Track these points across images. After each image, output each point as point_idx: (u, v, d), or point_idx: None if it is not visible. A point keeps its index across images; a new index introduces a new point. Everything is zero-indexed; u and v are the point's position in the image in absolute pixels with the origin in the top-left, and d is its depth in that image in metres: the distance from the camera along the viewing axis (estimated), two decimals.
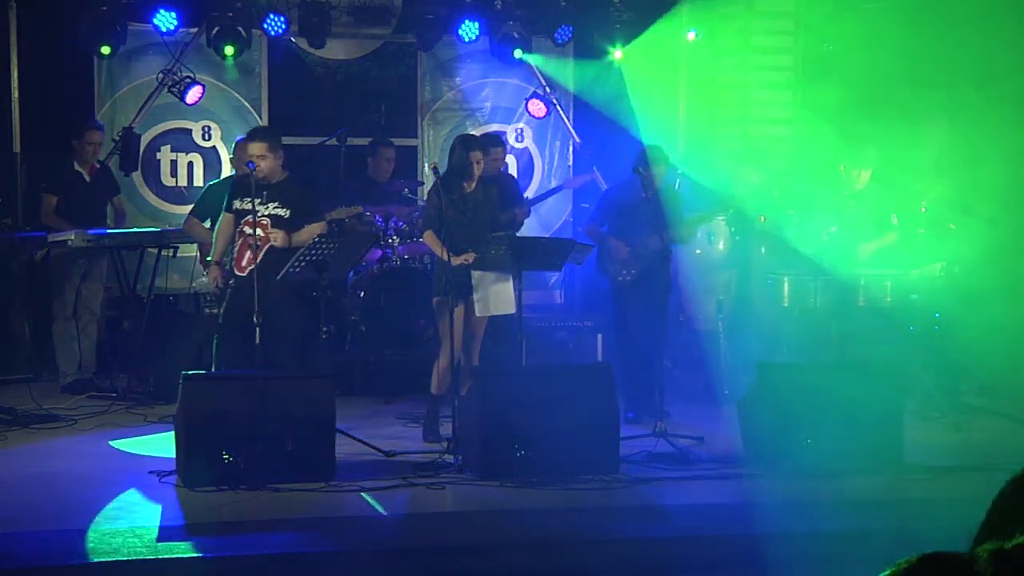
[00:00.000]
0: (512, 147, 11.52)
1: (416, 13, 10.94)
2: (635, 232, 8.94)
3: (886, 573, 1.82)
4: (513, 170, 11.56)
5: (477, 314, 8.06)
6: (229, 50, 10.34)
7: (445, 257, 7.81)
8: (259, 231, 7.93)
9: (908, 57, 10.25)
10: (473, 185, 8.14)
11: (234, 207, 8.11)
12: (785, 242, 10.25)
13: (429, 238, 8.11)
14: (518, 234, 9.99)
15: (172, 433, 7.45)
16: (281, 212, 8.02)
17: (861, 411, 7.58)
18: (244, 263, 8.01)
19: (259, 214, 7.93)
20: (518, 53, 11.07)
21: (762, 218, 10.33)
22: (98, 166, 9.88)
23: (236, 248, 8.10)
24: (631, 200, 8.97)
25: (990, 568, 1.80)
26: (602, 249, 9.11)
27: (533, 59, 11.22)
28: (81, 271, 9.68)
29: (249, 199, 7.89)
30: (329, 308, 9.19)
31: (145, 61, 10.63)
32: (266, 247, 7.97)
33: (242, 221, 8.04)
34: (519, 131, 11.64)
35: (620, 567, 6.04)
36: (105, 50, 10.12)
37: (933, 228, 9.23)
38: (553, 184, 11.55)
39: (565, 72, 11.71)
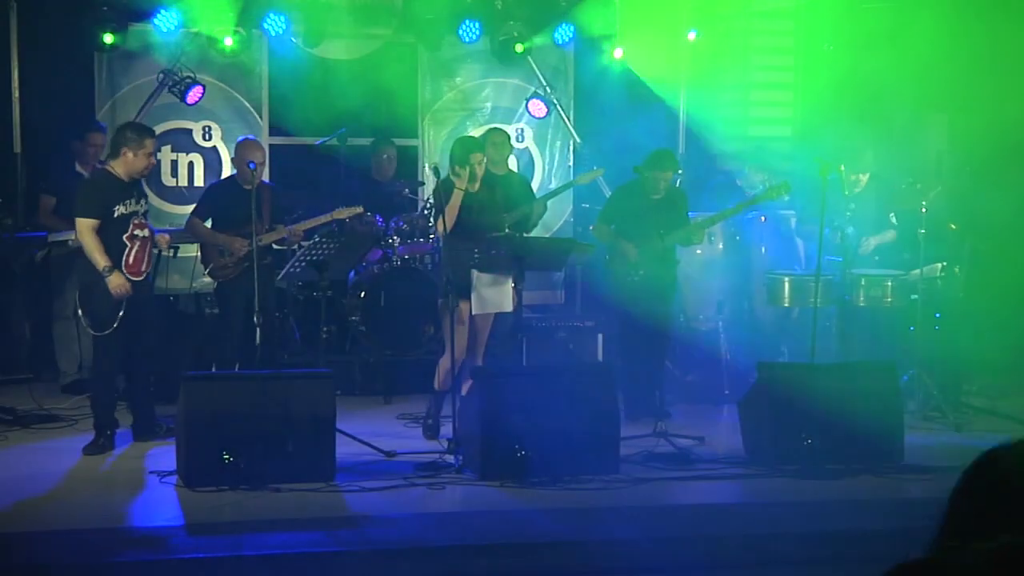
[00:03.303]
0: (513, 147, 11.50)
1: (417, 13, 10.93)
2: (642, 233, 8.94)
3: None
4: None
5: (474, 312, 8.06)
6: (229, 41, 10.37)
7: None
8: (146, 232, 8.00)
9: (908, 57, 10.25)
10: (476, 186, 8.14)
11: (116, 212, 7.85)
12: (787, 241, 10.27)
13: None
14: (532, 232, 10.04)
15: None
16: (144, 208, 8.14)
17: (861, 412, 7.58)
18: (144, 267, 7.97)
19: (138, 214, 7.96)
20: (519, 47, 11.08)
21: (763, 218, 10.34)
22: (99, 167, 9.88)
23: (131, 252, 7.90)
24: (638, 201, 8.98)
25: (985, 568, 1.80)
26: (611, 249, 9.11)
27: (533, 46, 11.20)
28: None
29: (131, 200, 7.89)
30: (329, 308, 9.20)
31: (146, 61, 10.61)
32: (149, 247, 8.05)
33: (131, 224, 7.91)
34: (519, 131, 11.63)
35: (620, 567, 6.05)
36: (107, 40, 10.10)
37: (933, 228, 9.23)
38: (554, 184, 11.54)
39: (566, 72, 11.71)
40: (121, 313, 7.73)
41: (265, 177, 9.69)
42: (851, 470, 7.35)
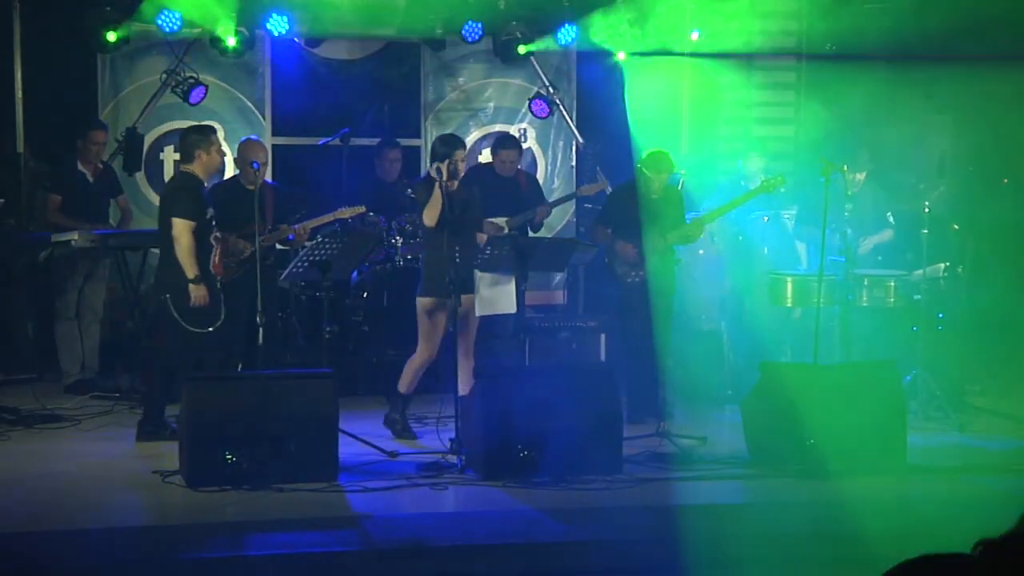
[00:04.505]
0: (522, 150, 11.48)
1: (419, 13, 10.92)
2: (640, 233, 8.95)
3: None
4: None
5: (477, 313, 8.06)
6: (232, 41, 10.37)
7: None
8: (218, 233, 8.24)
9: (911, 57, 10.25)
10: (455, 184, 8.13)
11: (208, 214, 8.09)
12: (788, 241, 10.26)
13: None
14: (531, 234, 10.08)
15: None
16: None
17: (864, 412, 7.58)
18: (220, 267, 8.21)
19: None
20: (522, 49, 11.09)
21: (765, 218, 10.34)
22: (101, 166, 9.89)
23: (216, 252, 8.17)
24: (636, 202, 8.99)
25: (982, 560, 1.80)
26: (610, 250, 9.12)
27: (536, 49, 11.20)
28: (84, 271, 9.68)
29: (210, 207, 8.07)
30: (332, 308, 9.20)
31: (149, 61, 10.62)
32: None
33: (214, 227, 8.15)
34: (522, 131, 11.64)
35: (623, 567, 6.04)
36: (111, 37, 10.09)
37: (936, 228, 9.23)
38: (556, 189, 11.54)
39: (568, 72, 11.71)
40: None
41: (268, 177, 9.69)
42: (854, 470, 7.34)
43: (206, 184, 8.19)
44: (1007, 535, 1.85)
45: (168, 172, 10.82)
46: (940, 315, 9.31)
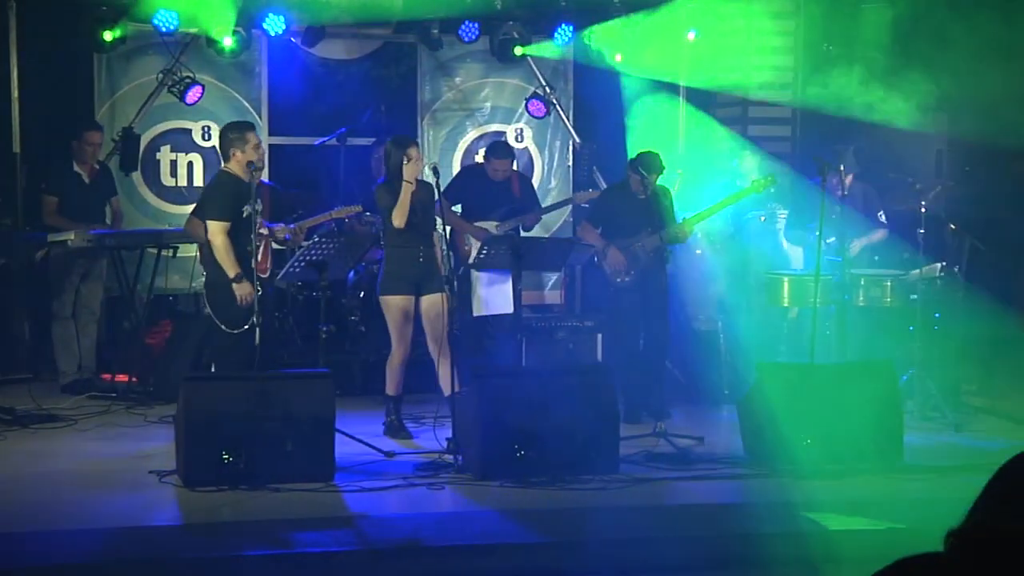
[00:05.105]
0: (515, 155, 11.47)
1: (416, 13, 10.93)
2: (631, 232, 8.96)
3: None
4: None
5: (474, 314, 8.07)
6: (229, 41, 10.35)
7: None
8: (265, 230, 8.15)
9: (908, 56, 10.25)
10: (416, 184, 8.13)
11: (245, 212, 7.95)
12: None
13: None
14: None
15: (172, 433, 7.47)
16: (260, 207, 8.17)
17: (861, 411, 7.58)
18: (268, 264, 8.20)
19: (258, 212, 7.98)
20: (519, 50, 11.09)
21: (762, 217, 10.34)
22: (97, 167, 9.87)
23: (259, 251, 7.98)
24: (627, 201, 8.99)
25: (950, 551, 1.81)
26: (601, 252, 9.13)
27: (532, 54, 11.21)
28: (81, 271, 9.67)
29: (251, 203, 7.90)
30: (329, 308, 9.20)
31: (145, 61, 10.62)
32: (268, 244, 8.21)
33: (256, 224, 8.00)
34: (519, 131, 11.65)
35: (620, 567, 6.04)
36: (108, 37, 10.08)
37: (933, 228, 9.23)
38: (553, 188, 11.55)
39: (565, 72, 11.71)
40: (256, 310, 7.75)
41: (265, 177, 9.69)
42: (850, 470, 7.35)
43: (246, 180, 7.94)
44: (973, 525, 1.85)
45: (165, 172, 10.83)
46: (937, 315, 9.32)
